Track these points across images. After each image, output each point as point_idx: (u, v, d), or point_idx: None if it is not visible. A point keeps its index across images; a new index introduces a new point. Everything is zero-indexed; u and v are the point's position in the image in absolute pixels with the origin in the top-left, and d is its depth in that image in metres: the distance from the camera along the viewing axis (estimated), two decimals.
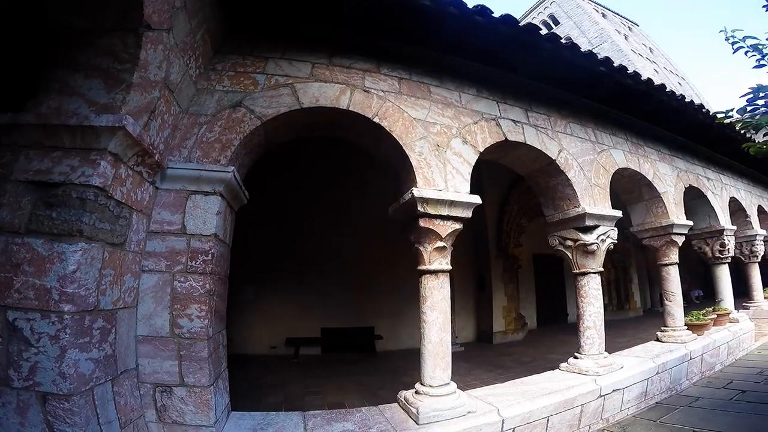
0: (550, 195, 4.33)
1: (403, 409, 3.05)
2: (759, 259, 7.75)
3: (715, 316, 6.19)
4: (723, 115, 3.57)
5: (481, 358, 6.82)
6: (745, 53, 3.15)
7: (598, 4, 38.94)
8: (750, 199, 8.20)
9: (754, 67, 3.20)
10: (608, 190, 4.47)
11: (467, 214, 3.25)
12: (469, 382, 4.41)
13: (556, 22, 37.98)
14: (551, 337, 8.43)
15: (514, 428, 3.06)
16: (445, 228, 3.12)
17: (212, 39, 2.95)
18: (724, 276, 6.64)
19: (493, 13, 3.37)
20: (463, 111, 3.71)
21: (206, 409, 2.39)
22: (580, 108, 4.77)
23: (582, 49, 4.04)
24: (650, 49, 38.84)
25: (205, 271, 2.54)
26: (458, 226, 3.20)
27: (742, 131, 5.94)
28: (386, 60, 3.49)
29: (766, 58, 3.08)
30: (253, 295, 7.48)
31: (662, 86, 4.95)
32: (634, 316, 11.75)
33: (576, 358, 4.15)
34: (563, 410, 3.42)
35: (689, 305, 8.61)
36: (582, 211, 3.98)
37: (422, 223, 3.06)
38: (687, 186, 5.96)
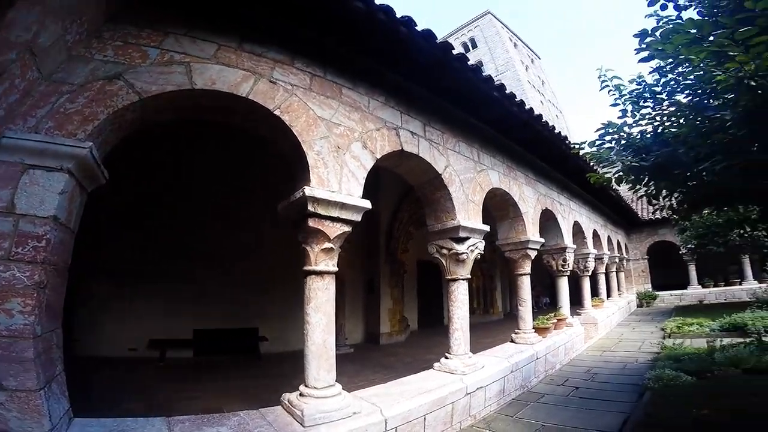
0: (434, 206, 4.69)
1: (288, 412, 2.98)
2: (590, 273, 9.57)
3: (556, 320, 7.27)
4: (577, 146, 4.15)
5: (368, 359, 6.98)
6: (608, 92, 3.54)
7: (514, 34, 43.85)
8: (588, 223, 10.08)
9: (610, 105, 3.61)
10: (481, 206, 5.03)
11: (357, 217, 3.32)
12: (357, 383, 4.47)
13: (474, 46, 41.72)
14: (430, 338, 9.03)
15: (396, 427, 3.18)
16: (334, 229, 3.14)
17: (108, 4, 2.54)
18: (563, 286, 8.00)
19: (417, 25, 3.47)
20: (369, 116, 3.78)
21: (37, 415, 2.03)
22: (469, 128, 5.27)
23: (484, 73, 4.44)
24: (542, 81, 44.97)
25: (35, 260, 2.12)
26: (347, 228, 3.25)
27: (591, 163, 6.87)
28: (303, 54, 3.38)
29: (622, 98, 3.48)
30: (109, 291, 6.49)
31: (539, 116, 5.73)
32: (497, 319, 13.35)
33: (446, 358, 4.50)
34: (437, 408, 3.64)
35: (539, 311, 10.15)
36: (458, 224, 4.40)
37: (311, 222, 3.03)
38: (544, 208, 7.06)
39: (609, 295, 12.87)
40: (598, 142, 3.81)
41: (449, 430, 3.81)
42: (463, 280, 4.54)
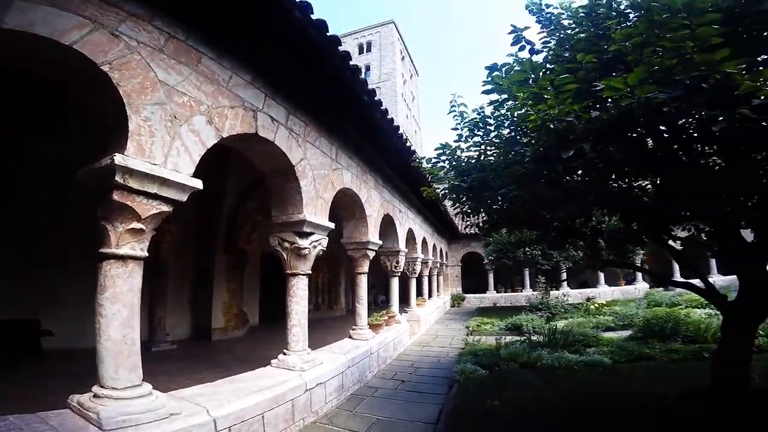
0: (282, 197, 4.56)
1: (79, 415, 2.47)
2: (416, 275, 10.84)
3: (387, 317, 7.91)
4: (418, 161, 4.64)
5: (197, 357, 6.38)
6: (453, 116, 3.96)
7: (405, 48, 46.11)
8: (420, 231, 11.40)
9: (451, 128, 4.04)
10: (330, 203, 5.13)
11: (182, 197, 2.93)
12: (180, 381, 3.98)
13: (369, 50, 42.48)
14: (273, 334, 8.66)
15: (229, 428, 2.97)
16: (149, 208, 2.68)
17: None
18: (395, 286, 8.83)
19: (313, 13, 3.35)
20: (225, 92, 3.45)
21: None
22: (335, 126, 5.31)
23: (361, 75, 4.52)
24: (413, 97, 48.53)
25: None
26: (167, 209, 2.82)
27: (428, 177, 8.05)
28: (168, 13, 2.88)
29: (463, 123, 3.90)
30: None
31: (397, 128, 6.18)
32: (340, 315, 13.85)
33: (285, 354, 4.39)
34: (276, 406, 3.51)
35: (377, 308, 10.95)
36: (303, 218, 4.38)
37: (117, 196, 2.51)
38: (386, 213, 7.66)
39: (430, 296, 14.76)
40: (434, 160, 4.28)
41: (292, 427, 3.75)
42: (303, 275, 4.53)
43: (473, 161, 4.05)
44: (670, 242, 3.91)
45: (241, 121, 3.60)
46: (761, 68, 1.99)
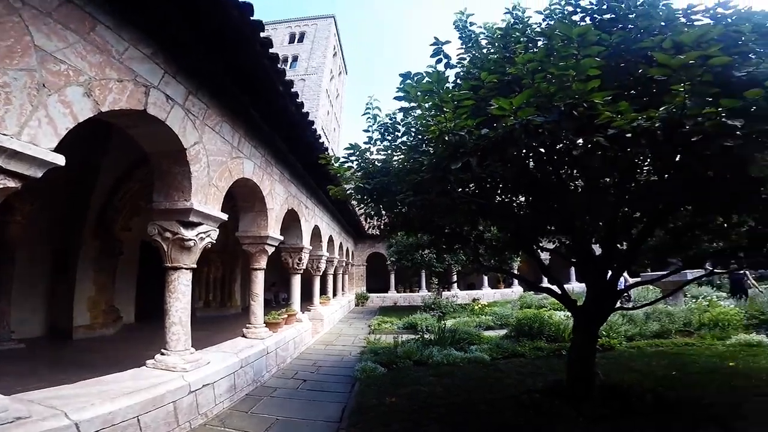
0: (167, 181, 4.09)
1: None
2: (321, 273, 10.72)
3: (287, 316, 7.62)
4: (326, 159, 4.54)
5: (54, 357, 5.58)
6: (367, 118, 4.02)
7: (339, 44, 44.71)
8: (327, 229, 11.31)
9: (363, 130, 4.09)
10: (225, 193, 4.77)
11: (36, 173, 2.46)
12: (31, 384, 3.45)
13: (301, 40, 40.32)
14: (152, 332, 7.73)
15: None
16: None
17: None
18: (296, 283, 8.59)
19: None
20: (116, 64, 3.05)
21: None
22: (240, 113, 4.95)
23: (279, 64, 4.29)
24: (338, 95, 47.37)
25: None
26: (13, 184, 2.35)
27: (338, 176, 8.00)
28: None
29: (375, 126, 3.98)
30: None
31: (312, 122, 5.98)
32: (234, 313, 12.95)
33: (163, 354, 4.01)
34: (153, 408, 3.26)
35: (278, 306, 10.50)
36: (190, 206, 3.99)
37: None
38: (291, 208, 7.42)
39: (335, 294, 14.75)
40: (343, 160, 4.28)
41: (176, 430, 3.52)
42: (186, 269, 4.12)
43: (380, 164, 4.13)
44: (541, 251, 4.48)
45: (129, 96, 3.21)
46: (620, 101, 2.35)
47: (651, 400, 3.79)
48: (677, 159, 2.29)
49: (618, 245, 3.93)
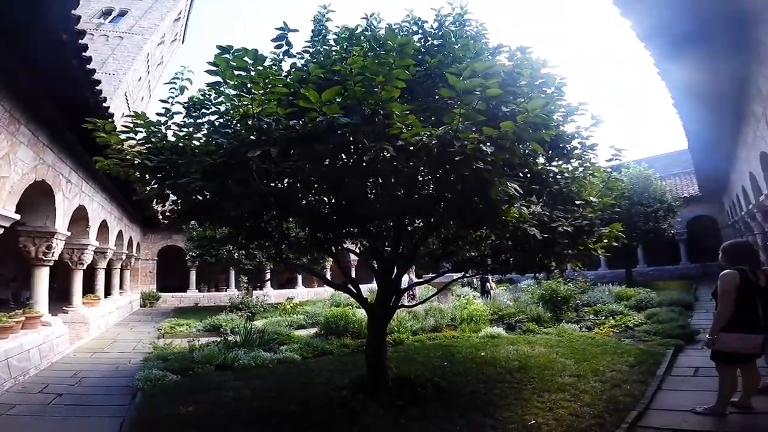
0: None
1: None
2: (84, 267, 8.45)
3: (24, 318, 5.86)
4: (93, 124, 3.56)
5: None
6: (170, 89, 3.60)
7: (189, 11, 37.00)
8: (100, 211, 9.06)
9: (160, 100, 3.62)
10: None
11: None
12: None
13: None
14: None
15: None
16: None
17: None
18: (43, 278, 6.52)
19: None
20: None
21: None
22: None
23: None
24: (162, 62, 38.28)
25: None
26: None
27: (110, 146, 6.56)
28: None
29: (174, 98, 3.60)
30: None
31: (95, 82, 4.83)
32: None
33: None
34: None
35: (19, 306, 7.69)
36: None
37: None
38: (41, 179, 5.56)
39: (110, 293, 12.09)
40: (123, 129, 3.58)
41: None
42: None
43: (174, 141, 3.52)
44: (347, 253, 4.62)
45: None
46: (410, 114, 2.57)
47: (431, 388, 4.27)
48: (448, 178, 2.65)
49: (402, 248, 4.41)
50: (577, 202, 3.77)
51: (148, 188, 3.60)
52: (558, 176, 3.88)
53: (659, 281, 16.37)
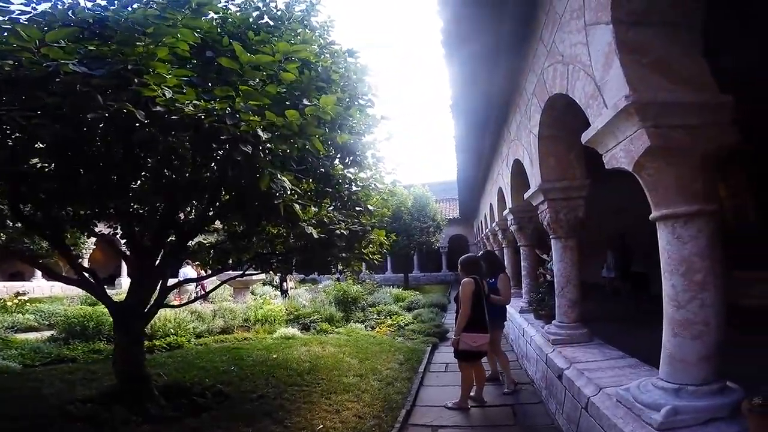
0: None
1: None
2: None
3: None
4: None
5: None
6: None
7: None
8: None
9: None
10: None
11: None
12: None
13: None
14: None
15: None
16: None
17: None
18: None
19: None
20: None
21: None
22: None
23: None
24: None
25: None
26: None
27: None
28: None
29: None
30: None
31: None
32: None
33: None
34: None
35: None
36: None
37: None
38: None
39: None
40: None
41: None
42: None
43: None
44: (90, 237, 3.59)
45: None
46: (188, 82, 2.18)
47: (212, 396, 3.87)
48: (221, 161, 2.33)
49: (168, 237, 3.78)
50: (358, 209, 4.00)
51: None
52: (351, 183, 4.04)
53: (427, 285, 20.02)
